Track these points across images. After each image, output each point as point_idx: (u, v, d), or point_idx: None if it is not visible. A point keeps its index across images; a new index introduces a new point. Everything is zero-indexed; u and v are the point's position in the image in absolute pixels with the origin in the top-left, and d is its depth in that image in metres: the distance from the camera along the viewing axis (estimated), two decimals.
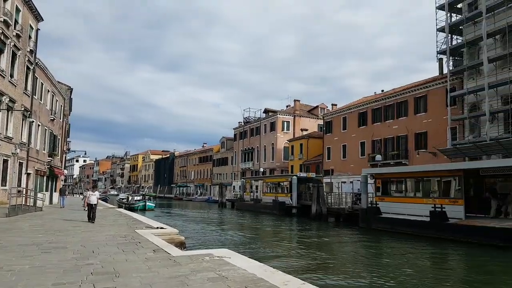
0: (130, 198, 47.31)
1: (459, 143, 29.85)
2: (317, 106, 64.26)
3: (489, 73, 27.71)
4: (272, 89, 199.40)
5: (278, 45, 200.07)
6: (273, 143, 60.62)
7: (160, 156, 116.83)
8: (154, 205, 44.31)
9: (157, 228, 14.63)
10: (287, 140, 58.38)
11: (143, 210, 39.19)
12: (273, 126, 61.15)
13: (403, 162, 36.65)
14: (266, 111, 66.01)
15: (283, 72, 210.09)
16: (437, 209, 18.13)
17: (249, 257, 8.51)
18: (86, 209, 16.27)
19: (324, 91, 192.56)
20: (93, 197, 15.75)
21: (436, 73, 37.96)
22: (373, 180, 24.47)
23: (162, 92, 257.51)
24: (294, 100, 63.19)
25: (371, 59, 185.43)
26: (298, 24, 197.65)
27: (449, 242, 17.23)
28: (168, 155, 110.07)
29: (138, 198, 46.22)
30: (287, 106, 66.44)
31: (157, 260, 7.49)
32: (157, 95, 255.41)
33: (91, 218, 15.58)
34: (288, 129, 60.23)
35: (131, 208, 36.75)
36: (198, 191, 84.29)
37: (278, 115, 60.42)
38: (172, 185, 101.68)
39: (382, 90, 47.38)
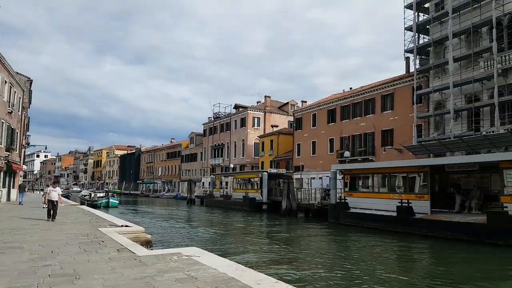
0: (93, 194, 45.94)
1: (424, 140, 30.68)
2: (287, 103, 64.52)
3: (454, 72, 28.54)
4: (242, 85, 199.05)
5: (249, 41, 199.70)
6: (243, 139, 60.36)
7: (125, 152, 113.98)
8: (117, 202, 43.22)
9: (122, 226, 14.04)
10: (258, 136, 58.26)
11: (106, 207, 38.07)
12: (243, 122, 60.86)
13: (370, 158, 37.37)
14: (236, 106, 65.60)
15: (254, 68, 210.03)
16: (403, 204, 18.45)
17: (220, 255, 8.21)
18: (46, 206, 15.42)
19: (293, 88, 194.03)
20: (54, 193, 14.91)
21: (402, 71, 38.89)
22: (342, 175, 24.68)
23: (129, 85, 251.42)
24: (265, 96, 63.15)
25: (340, 58, 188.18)
26: (268, 20, 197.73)
27: (415, 236, 17.55)
28: (134, 151, 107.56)
29: (101, 194, 44.95)
30: (257, 102, 66.34)
31: (121, 260, 7.05)
32: (123, 88, 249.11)
33: (51, 215, 14.76)
34: (258, 125, 60.13)
35: (94, 205, 35.62)
36: (166, 187, 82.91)
37: (249, 111, 60.19)
38: (138, 182, 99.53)
39: (351, 88, 48.07)
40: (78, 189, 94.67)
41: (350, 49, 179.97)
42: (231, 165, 57.35)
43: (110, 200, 40.93)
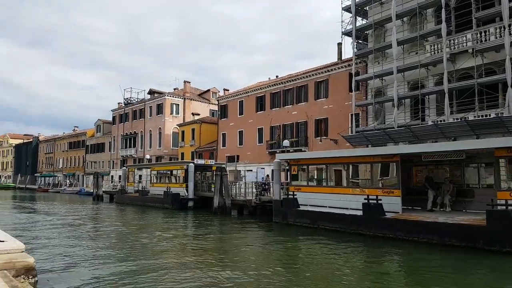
0: None
1: (365, 129, 28.62)
2: (208, 90, 59.93)
3: (398, 57, 26.71)
4: (152, 75, 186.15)
5: (156, 29, 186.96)
6: (160, 128, 54.37)
7: (21, 141, 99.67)
8: None
9: None
10: (177, 125, 52.80)
11: None
12: (160, 109, 54.82)
13: (302, 150, 34.79)
14: (152, 92, 59.13)
15: (163, 57, 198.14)
16: (371, 201, 15.37)
17: None
18: None
19: (205, 80, 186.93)
20: None
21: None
22: (288, 166, 21.12)
23: (27, 71, 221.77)
24: (184, 82, 57.66)
25: (248, 54, 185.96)
26: (175, 9, 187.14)
27: (388, 240, 14.51)
28: (31, 140, 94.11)
29: None
30: (174, 89, 60.45)
31: None
32: (20, 74, 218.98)
33: None
34: (177, 113, 54.60)
35: None
36: (68, 181, 72.85)
37: (166, 97, 54.30)
38: (36, 175, 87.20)
39: (277, 76, 45.14)
40: None
41: (257, 46, 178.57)
42: (147, 156, 51.05)
43: None
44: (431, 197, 15.98)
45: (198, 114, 54.46)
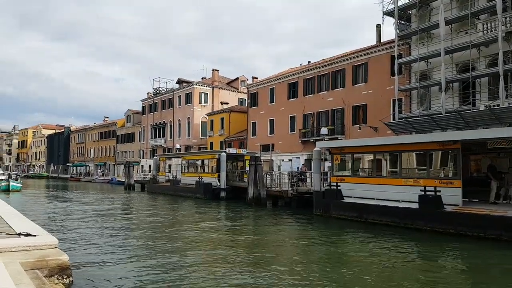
0: None
1: (408, 116, 26.80)
2: (237, 78, 58.65)
3: (445, 37, 24.66)
4: (176, 66, 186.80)
5: (179, 20, 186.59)
6: (189, 117, 53.78)
7: (53, 131, 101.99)
8: (20, 185, 37.61)
9: (19, 234, 7.81)
10: (206, 114, 52.03)
11: (7, 191, 33.99)
12: (188, 98, 54.15)
13: (339, 138, 33.15)
14: (180, 81, 58.52)
15: (186, 49, 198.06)
16: (428, 192, 13.88)
17: None
18: None
19: (230, 70, 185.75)
20: None
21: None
22: (329, 155, 19.72)
23: (54, 63, 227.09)
24: (213, 70, 56.65)
25: (273, 43, 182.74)
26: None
27: (448, 236, 13.02)
28: (63, 130, 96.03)
29: (2, 177, 40.11)
30: (202, 78, 59.62)
31: None
32: (49, 66, 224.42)
33: None
34: (206, 102, 53.78)
35: None
36: (99, 171, 73.80)
37: (195, 86, 53.52)
38: (68, 164, 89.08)
39: (309, 62, 43.31)
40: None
41: (281, 34, 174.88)
42: (177, 146, 50.60)
43: (11, 183, 35.75)
44: (494, 188, 14.30)
45: (227, 103, 53.51)
